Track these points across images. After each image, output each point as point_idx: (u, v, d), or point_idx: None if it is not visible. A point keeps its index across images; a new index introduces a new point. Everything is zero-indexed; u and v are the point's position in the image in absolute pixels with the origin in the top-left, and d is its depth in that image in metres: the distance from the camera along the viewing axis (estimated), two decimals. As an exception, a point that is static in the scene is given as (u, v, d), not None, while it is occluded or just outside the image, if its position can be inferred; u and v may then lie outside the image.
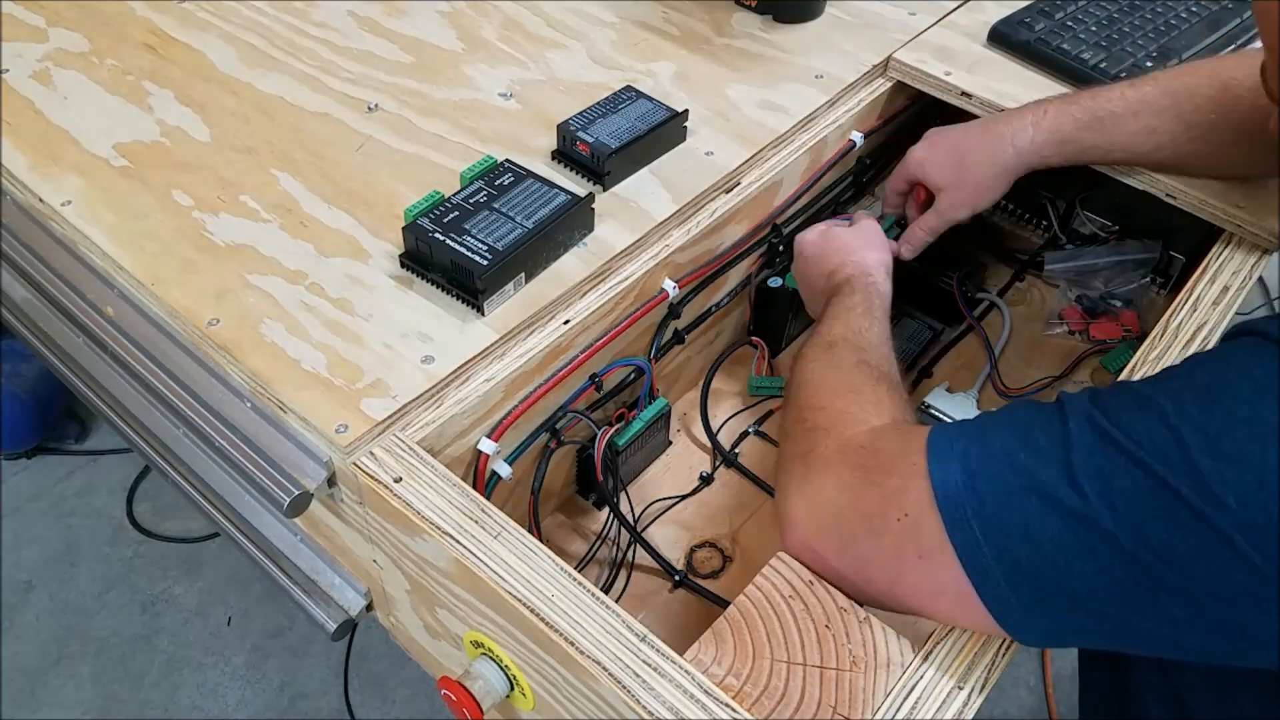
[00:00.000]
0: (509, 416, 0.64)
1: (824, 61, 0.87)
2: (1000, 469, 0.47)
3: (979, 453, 0.48)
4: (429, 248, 0.64)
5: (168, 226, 0.69)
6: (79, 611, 1.51)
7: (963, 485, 0.47)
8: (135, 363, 0.68)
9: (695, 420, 0.82)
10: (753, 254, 0.81)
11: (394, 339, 0.62)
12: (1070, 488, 0.44)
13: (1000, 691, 1.43)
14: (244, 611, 1.52)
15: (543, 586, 0.51)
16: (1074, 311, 0.90)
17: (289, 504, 0.58)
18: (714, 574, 0.73)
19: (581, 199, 0.68)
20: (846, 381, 0.61)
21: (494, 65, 0.86)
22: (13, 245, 0.76)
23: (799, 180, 0.82)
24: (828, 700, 0.50)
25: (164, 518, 1.63)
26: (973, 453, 0.48)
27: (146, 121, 0.78)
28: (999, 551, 0.46)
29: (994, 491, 0.47)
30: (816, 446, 0.57)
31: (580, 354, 0.67)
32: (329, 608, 0.70)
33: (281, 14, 0.90)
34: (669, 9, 0.94)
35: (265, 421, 0.61)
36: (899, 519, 0.50)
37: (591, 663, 0.48)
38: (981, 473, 0.47)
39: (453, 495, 0.55)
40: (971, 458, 0.48)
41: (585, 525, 0.76)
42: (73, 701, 1.41)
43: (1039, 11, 0.89)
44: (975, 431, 0.50)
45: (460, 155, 0.76)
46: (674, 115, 0.76)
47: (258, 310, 0.64)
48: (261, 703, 1.42)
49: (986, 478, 0.47)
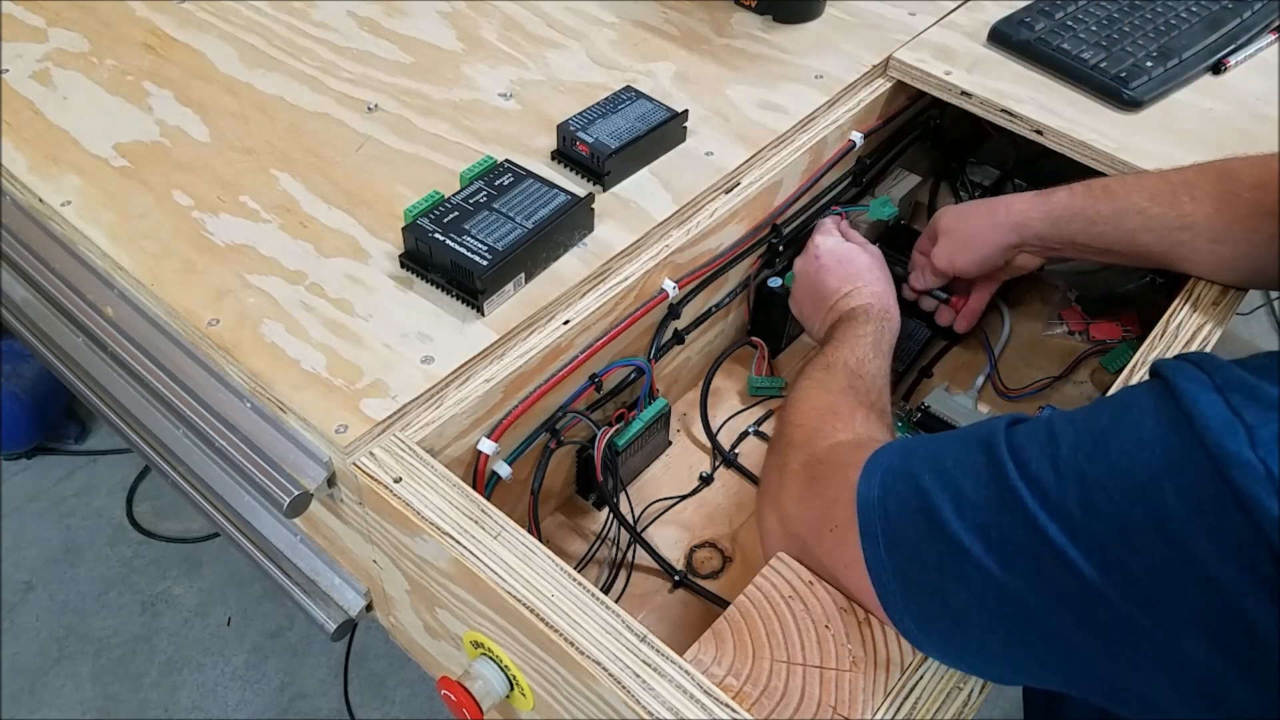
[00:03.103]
0: (509, 417, 0.64)
1: (824, 61, 0.87)
2: (906, 489, 0.48)
3: (898, 470, 0.50)
4: (429, 248, 0.64)
5: (167, 226, 0.69)
6: (79, 611, 1.51)
7: (876, 501, 0.49)
8: (135, 363, 0.68)
9: (695, 420, 0.82)
10: (752, 254, 0.81)
11: (394, 339, 0.62)
12: (957, 517, 0.45)
13: (1000, 691, 1.43)
14: (244, 611, 1.52)
15: (543, 587, 0.51)
16: (1074, 311, 0.90)
17: (289, 504, 0.58)
18: (714, 574, 0.73)
19: (581, 199, 0.68)
20: (830, 402, 0.63)
21: (494, 65, 0.86)
22: (13, 245, 0.76)
23: (799, 180, 0.82)
24: (827, 700, 0.50)
25: (164, 518, 1.63)
26: (893, 469, 0.50)
27: (146, 121, 0.78)
28: (896, 567, 0.48)
29: (898, 511, 0.48)
30: (789, 460, 0.60)
31: (580, 354, 0.67)
32: (329, 608, 0.70)
33: (281, 14, 0.90)
34: (669, 9, 0.94)
35: (265, 421, 0.61)
36: (830, 530, 0.52)
37: (591, 663, 0.48)
38: (892, 490, 0.49)
39: (453, 495, 0.55)
40: (890, 474, 0.50)
41: (585, 525, 0.76)
42: (73, 701, 1.41)
43: (1039, 11, 0.89)
44: (905, 450, 0.51)
45: (460, 155, 0.76)
46: (674, 115, 0.76)
47: (257, 310, 0.64)
48: (261, 703, 1.42)
49: (895, 496, 0.49)
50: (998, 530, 0.44)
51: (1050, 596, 0.42)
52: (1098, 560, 0.40)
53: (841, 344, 0.69)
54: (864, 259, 0.78)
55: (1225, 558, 0.37)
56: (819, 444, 0.59)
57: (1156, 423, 0.40)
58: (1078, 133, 0.79)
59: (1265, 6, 0.89)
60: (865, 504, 0.50)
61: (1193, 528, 0.38)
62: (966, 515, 0.45)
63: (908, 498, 0.48)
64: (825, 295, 0.76)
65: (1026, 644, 0.44)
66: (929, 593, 0.47)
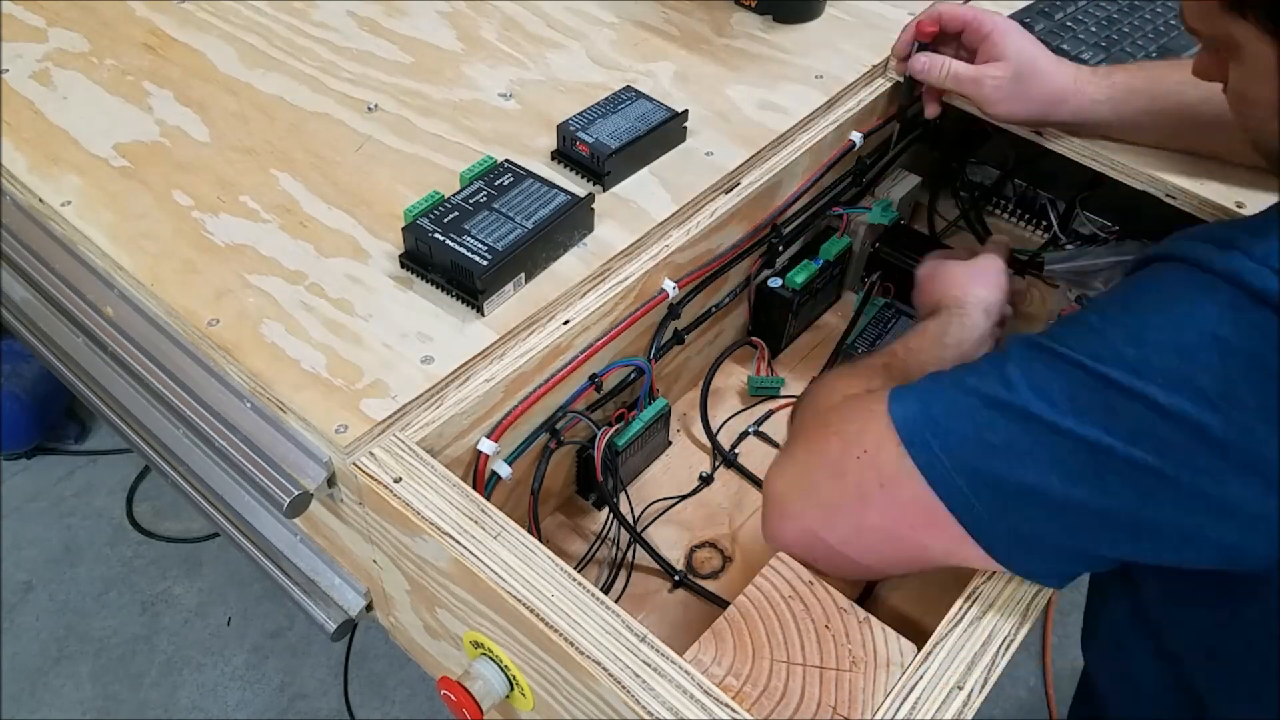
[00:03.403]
0: (509, 417, 0.64)
1: (824, 62, 0.87)
2: (951, 394, 0.51)
3: (931, 387, 0.52)
4: (429, 248, 0.64)
5: (167, 226, 0.69)
6: (79, 611, 1.51)
7: (919, 414, 0.51)
8: (135, 363, 0.68)
9: (695, 420, 0.82)
10: (752, 254, 0.81)
11: (394, 339, 0.62)
12: (1011, 392, 0.48)
13: (1000, 691, 1.43)
14: (244, 611, 1.52)
15: (542, 587, 0.51)
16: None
17: (289, 504, 0.58)
18: (714, 574, 0.73)
19: (581, 199, 0.68)
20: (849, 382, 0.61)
21: (494, 65, 0.86)
22: (13, 245, 0.76)
23: (799, 180, 0.82)
24: (827, 700, 0.50)
25: (164, 518, 1.63)
26: (926, 388, 0.52)
27: (146, 121, 0.78)
28: (958, 462, 0.49)
29: (947, 412, 0.50)
30: (802, 423, 0.61)
31: (580, 354, 0.67)
32: (329, 608, 0.70)
33: (281, 14, 0.90)
34: (669, 9, 0.94)
35: (265, 422, 0.61)
36: (859, 456, 0.53)
37: (591, 663, 0.48)
38: (935, 401, 0.51)
39: (452, 495, 0.55)
40: (926, 392, 0.52)
41: (585, 525, 0.76)
42: (73, 701, 1.41)
43: (1039, 12, 0.89)
44: (930, 379, 0.53)
45: (460, 155, 0.76)
46: (674, 115, 0.76)
47: (257, 310, 0.64)
48: (261, 703, 1.42)
49: (940, 403, 0.51)
50: (1060, 393, 0.46)
51: (1125, 431, 0.45)
52: (1162, 383, 0.44)
53: (899, 339, 0.69)
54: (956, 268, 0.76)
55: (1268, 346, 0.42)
56: (831, 400, 0.59)
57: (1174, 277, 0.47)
58: (1078, 133, 0.79)
59: (1265, 6, 0.89)
60: (906, 419, 0.51)
61: (1240, 329, 0.43)
62: (1020, 390, 0.47)
63: (955, 399, 0.50)
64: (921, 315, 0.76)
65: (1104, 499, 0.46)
66: (999, 478, 0.48)
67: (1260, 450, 0.43)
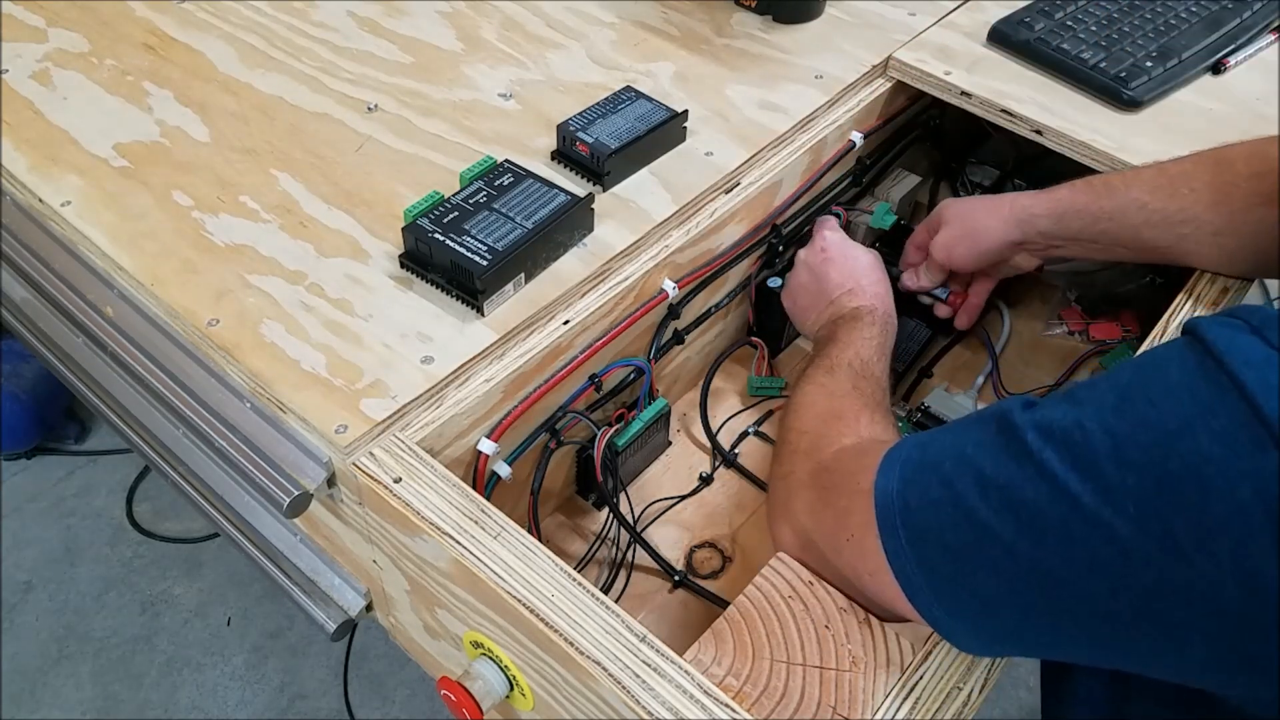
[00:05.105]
0: (509, 417, 0.64)
1: (824, 62, 0.87)
2: (927, 478, 0.48)
3: (916, 461, 0.50)
4: (429, 248, 0.64)
5: (167, 227, 0.69)
6: (79, 611, 1.51)
7: (896, 494, 0.49)
8: (135, 363, 0.68)
9: (695, 420, 0.82)
10: (752, 254, 0.81)
11: (394, 339, 0.62)
12: (982, 501, 0.44)
13: (1000, 691, 1.43)
14: (244, 611, 1.52)
15: (542, 587, 0.51)
16: (1074, 312, 0.89)
17: (289, 504, 0.58)
18: (714, 574, 0.73)
19: (581, 199, 0.68)
20: (834, 407, 0.63)
21: (494, 65, 0.86)
22: (13, 245, 0.76)
23: (798, 181, 0.82)
24: (827, 700, 0.50)
25: (164, 518, 1.63)
26: (911, 461, 0.50)
27: (146, 122, 0.78)
28: (920, 559, 0.47)
29: (919, 502, 0.48)
30: (795, 469, 0.59)
31: (580, 354, 0.67)
32: (329, 608, 0.70)
33: (281, 14, 0.90)
34: (669, 9, 0.94)
35: (265, 422, 0.61)
36: (848, 540, 0.52)
37: (591, 663, 0.48)
38: (913, 481, 0.49)
39: (452, 496, 0.55)
40: (909, 467, 0.50)
41: (585, 525, 0.76)
42: (73, 701, 1.41)
43: (1039, 11, 0.89)
44: (921, 442, 0.51)
45: (460, 155, 0.76)
46: (674, 115, 0.76)
47: (257, 310, 0.64)
48: (261, 703, 1.42)
49: (915, 487, 0.48)
50: (1025, 506, 0.43)
51: (1084, 564, 0.41)
52: (1132, 515, 0.39)
53: (846, 345, 0.69)
54: (867, 258, 0.78)
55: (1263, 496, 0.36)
56: (825, 451, 0.58)
57: (1183, 369, 0.40)
58: (1077, 133, 0.79)
59: (1265, 6, 0.89)
60: (884, 499, 0.49)
61: (1229, 472, 0.37)
62: (992, 497, 0.44)
63: (929, 487, 0.47)
64: (828, 290, 0.76)
65: (1060, 620, 0.43)
66: (957, 581, 0.46)
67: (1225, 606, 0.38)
